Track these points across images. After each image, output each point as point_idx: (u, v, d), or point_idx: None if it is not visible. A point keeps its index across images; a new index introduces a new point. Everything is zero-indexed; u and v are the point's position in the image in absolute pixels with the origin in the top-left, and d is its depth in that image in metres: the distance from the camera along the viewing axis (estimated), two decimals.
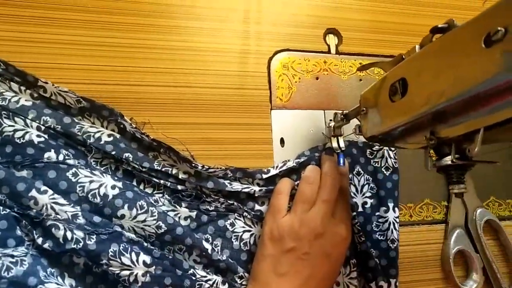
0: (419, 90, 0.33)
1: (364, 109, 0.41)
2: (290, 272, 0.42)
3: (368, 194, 0.50)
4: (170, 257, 0.41)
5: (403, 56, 0.37)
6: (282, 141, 0.50)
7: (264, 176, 0.47)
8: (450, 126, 0.31)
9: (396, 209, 0.50)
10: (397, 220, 0.50)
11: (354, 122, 0.44)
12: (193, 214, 0.44)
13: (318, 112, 0.52)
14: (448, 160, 0.33)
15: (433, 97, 0.31)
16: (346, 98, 0.53)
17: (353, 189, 0.50)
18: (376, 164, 0.51)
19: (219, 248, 0.45)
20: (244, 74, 0.50)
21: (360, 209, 0.49)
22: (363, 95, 0.42)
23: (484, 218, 0.53)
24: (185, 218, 0.44)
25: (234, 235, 0.46)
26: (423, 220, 0.53)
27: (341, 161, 0.49)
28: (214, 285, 0.42)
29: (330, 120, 0.50)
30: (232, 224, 0.46)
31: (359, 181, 0.50)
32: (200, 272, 0.42)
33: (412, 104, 0.33)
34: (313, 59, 0.53)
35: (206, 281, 0.42)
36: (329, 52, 0.54)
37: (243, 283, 0.44)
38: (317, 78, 0.53)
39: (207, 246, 0.43)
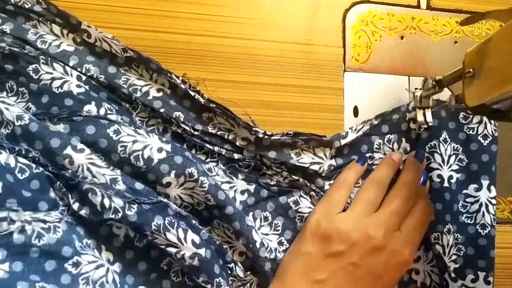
0: None
1: (471, 70, 0.32)
2: (327, 282, 0.35)
3: (455, 167, 0.42)
4: (217, 242, 0.37)
5: None
6: (355, 110, 0.44)
7: (343, 141, 0.40)
8: None
9: (492, 188, 0.42)
10: (493, 202, 0.41)
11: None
12: (251, 188, 0.40)
13: (402, 78, 0.45)
14: None
15: None
16: (437, 63, 0.45)
17: (438, 158, 0.41)
18: (471, 132, 0.42)
19: (278, 232, 0.40)
20: (313, 28, 0.43)
21: (445, 184, 0.41)
22: (469, 53, 0.34)
23: None
24: (242, 192, 0.39)
25: (298, 215, 0.40)
26: None
27: (423, 180, 0.41)
28: (247, 285, 0.38)
29: (416, 88, 0.42)
30: (296, 202, 0.40)
31: (445, 150, 0.42)
32: (239, 271, 0.38)
33: None
34: (398, 14, 0.45)
35: (239, 280, 0.38)
36: (418, 6, 0.46)
37: None
38: (402, 38, 0.45)
39: (256, 238, 0.37)
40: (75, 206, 0.33)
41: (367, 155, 0.41)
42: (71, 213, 0.34)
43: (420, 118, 0.41)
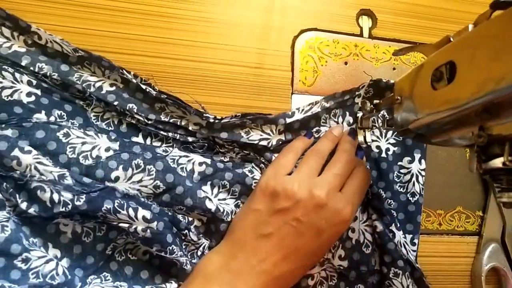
0: (471, 75, 0.27)
1: (399, 98, 0.36)
2: (273, 236, 0.37)
3: (392, 141, 0.46)
4: (169, 213, 0.38)
5: (451, 38, 0.31)
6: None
7: (288, 120, 0.42)
8: (505, 121, 0.26)
9: (423, 161, 0.46)
10: (423, 173, 0.45)
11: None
12: (208, 161, 0.41)
13: None
14: (498, 162, 0.28)
15: (488, 84, 0.26)
16: None
17: (376, 132, 0.46)
18: None
19: (235, 196, 0.41)
20: (264, 52, 0.45)
21: (383, 154, 0.45)
22: (398, 82, 0.37)
23: None
24: (200, 164, 0.40)
25: (255, 182, 0.41)
26: (453, 230, 0.48)
27: (360, 155, 0.44)
28: (200, 248, 0.40)
29: (357, 110, 0.45)
30: (251, 171, 0.42)
31: None
32: (192, 235, 0.39)
33: (460, 92, 0.28)
34: (343, 41, 0.48)
35: (193, 244, 0.39)
36: (361, 35, 0.49)
37: None
38: (346, 63, 0.48)
39: (211, 206, 0.39)
40: (23, 205, 0.34)
41: (315, 129, 0.44)
42: (17, 213, 0.34)
43: (360, 138, 0.44)
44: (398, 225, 0.43)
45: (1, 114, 0.36)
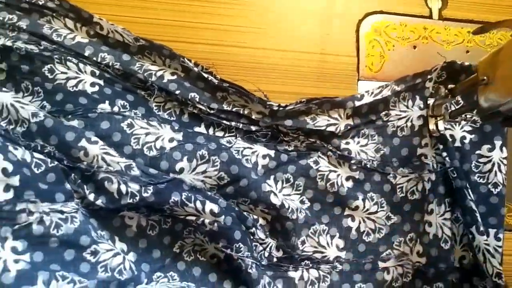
0: None
1: (485, 78, 0.33)
2: None
3: (468, 128, 0.42)
4: (236, 208, 0.37)
5: None
6: None
7: (357, 103, 0.40)
8: None
9: (504, 148, 0.42)
10: (505, 162, 0.41)
11: None
12: (272, 152, 0.40)
13: None
14: None
15: None
16: None
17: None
18: None
19: (300, 191, 0.40)
20: (327, 38, 0.43)
21: (457, 143, 0.42)
22: (482, 62, 0.34)
23: None
24: (263, 157, 0.40)
25: (319, 175, 0.40)
26: None
27: None
28: (267, 249, 0.39)
29: (428, 96, 0.42)
30: (316, 162, 0.40)
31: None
32: (260, 233, 0.38)
33: None
34: (411, 24, 0.45)
35: (261, 244, 0.38)
36: (430, 17, 0.46)
37: (305, 249, 0.39)
38: (414, 47, 0.45)
39: (276, 201, 0.38)
40: (91, 196, 0.33)
41: (383, 112, 0.41)
42: (85, 205, 0.34)
43: (432, 126, 0.41)
44: (481, 228, 0.39)
45: (67, 105, 0.36)
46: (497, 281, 0.37)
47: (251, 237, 0.38)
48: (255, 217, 0.39)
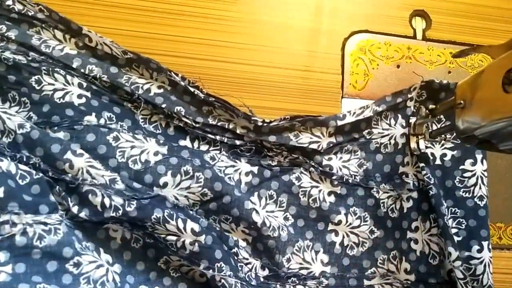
0: None
1: (462, 102, 0.33)
2: None
3: (449, 144, 0.43)
4: (217, 228, 0.38)
5: None
6: None
7: (340, 122, 0.41)
8: None
9: (485, 161, 0.43)
10: (485, 174, 0.42)
11: None
12: (255, 169, 0.41)
13: None
14: None
15: None
16: None
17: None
18: None
19: (283, 208, 0.41)
20: (313, 55, 0.44)
21: (438, 161, 0.42)
22: (460, 86, 0.35)
23: None
24: (246, 174, 0.40)
25: (302, 191, 0.41)
26: None
27: None
28: (253, 269, 0.39)
29: (410, 115, 0.43)
30: (298, 179, 0.41)
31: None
32: (243, 252, 0.39)
33: None
34: (395, 44, 0.46)
35: (246, 264, 0.39)
36: (414, 37, 0.47)
37: (291, 267, 0.40)
38: (398, 66, 0.46)
39: (257, 219, 0.38)
40: (75, 209, 0.33)
41: (366, 131, 0.42)
42: (70, 217, 0.34)
43: (413, 145, 0.42)
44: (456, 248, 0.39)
45: (54, 116, 0.36)
46: None
47: (235, 258, 0.38)
48: (235, 238, 0.39)
